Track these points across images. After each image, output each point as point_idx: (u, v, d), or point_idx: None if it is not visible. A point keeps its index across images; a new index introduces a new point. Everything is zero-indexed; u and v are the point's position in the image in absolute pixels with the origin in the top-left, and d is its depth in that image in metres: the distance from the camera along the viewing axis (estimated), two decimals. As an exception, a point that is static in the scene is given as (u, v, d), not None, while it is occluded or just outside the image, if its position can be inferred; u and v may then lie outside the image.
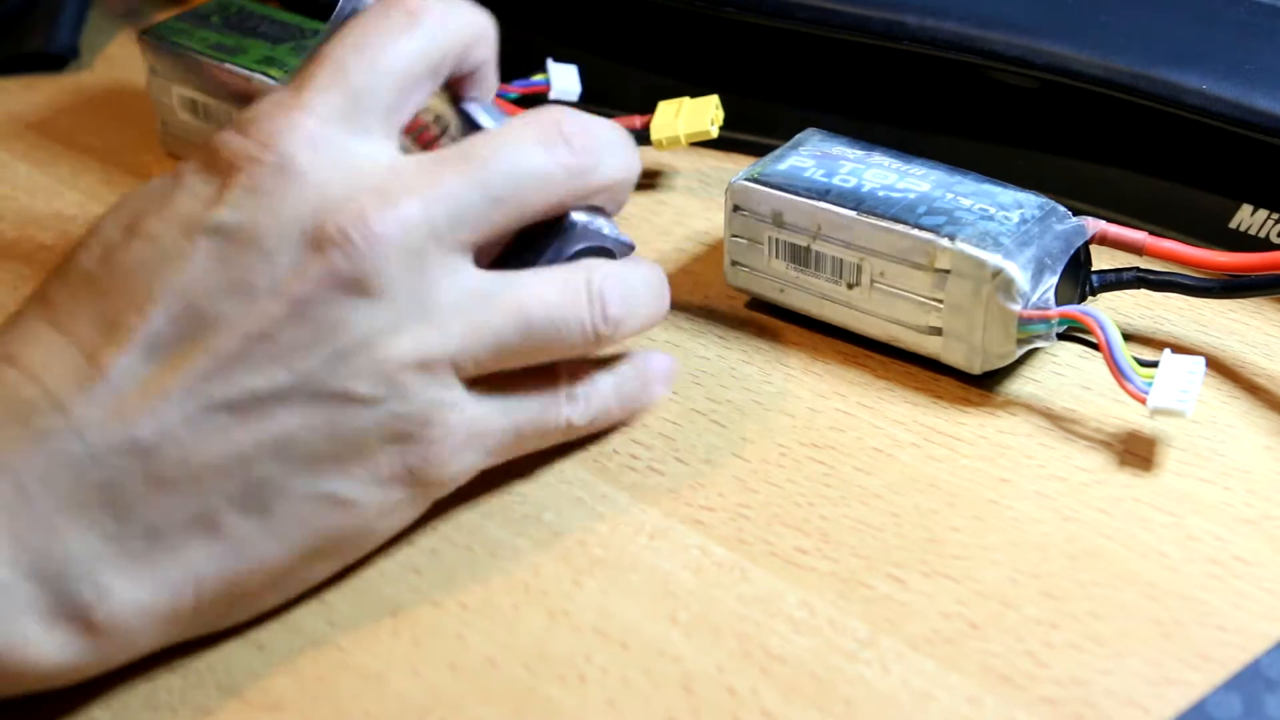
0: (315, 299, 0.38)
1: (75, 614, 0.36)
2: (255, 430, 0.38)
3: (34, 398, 0.37)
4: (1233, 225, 0.52)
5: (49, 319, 0.38)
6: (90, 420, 0.37)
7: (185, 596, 0.38)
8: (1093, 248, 0.48)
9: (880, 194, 0.48)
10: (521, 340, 0.41)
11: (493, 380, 0.41)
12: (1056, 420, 0.46)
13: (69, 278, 0.39)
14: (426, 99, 0.42)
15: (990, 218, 0.47)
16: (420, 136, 0.44)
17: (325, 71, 0.40)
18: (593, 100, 0.58)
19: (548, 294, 0.41)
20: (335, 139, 0.39)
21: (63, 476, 0.36)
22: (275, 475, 0.38)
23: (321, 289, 0.38)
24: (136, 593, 0.37)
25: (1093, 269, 0.48)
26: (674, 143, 0.54)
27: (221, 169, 0.39)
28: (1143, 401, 0.44)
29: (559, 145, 0.41)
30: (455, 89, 0.44)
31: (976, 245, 0.46)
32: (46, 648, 0.36)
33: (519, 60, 0.55)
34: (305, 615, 0.41)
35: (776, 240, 0.49)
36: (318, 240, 0.38)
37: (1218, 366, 0.48)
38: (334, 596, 0.41)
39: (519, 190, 0.41)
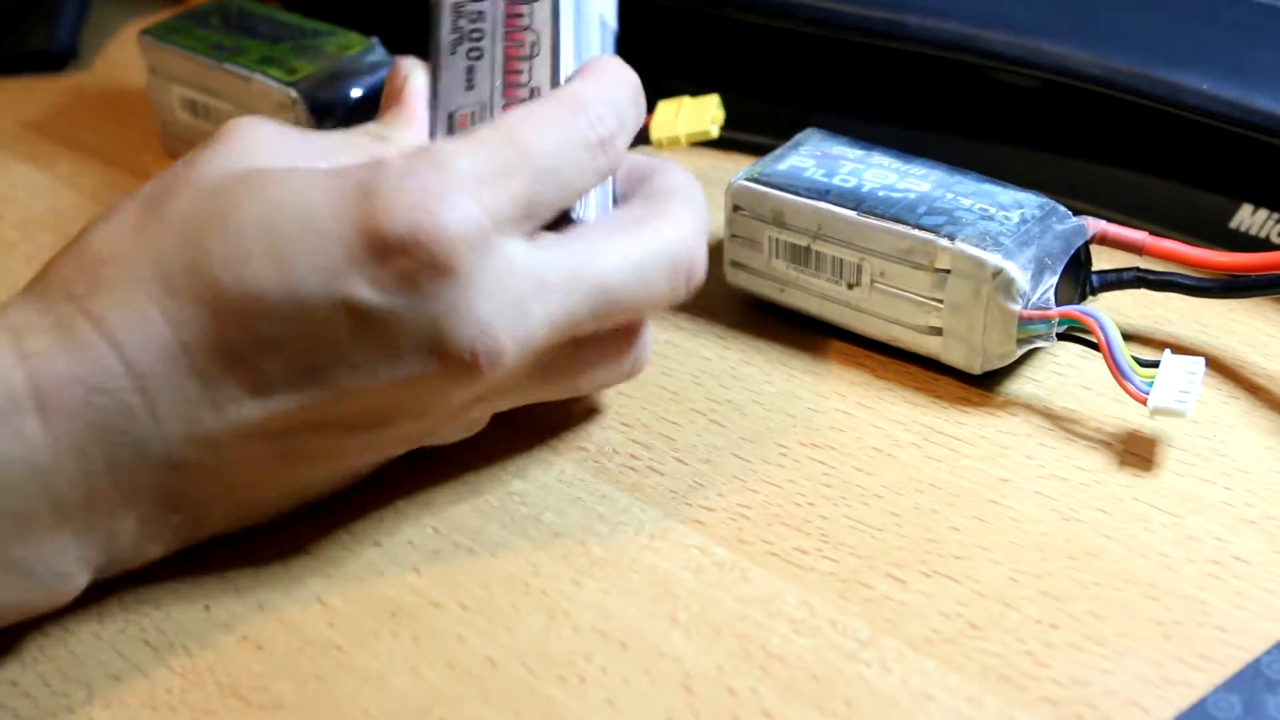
0: (430, 392, 0.40)
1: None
2: (325, 466, 0.42)
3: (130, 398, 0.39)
4: (1233, 225, 0.52)
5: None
6: (175, 433, 0.39)
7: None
8: (1093, 248, 0.48)
9: (880, 194, 0.48)
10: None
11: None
12: (1056, 420, 0.46)
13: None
14: None
15: (990, 218, 0.47)
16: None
17: (509, 162, 0.40)
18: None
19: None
20: (498, 247, 0.39)
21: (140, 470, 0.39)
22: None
23: (437, 388, 0.40)
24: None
25: (1093, 269, 0.48)
26: (674, 143, 0.54)
27: (380, 244, 0.38)
28: (1143, 402, 0.44)
29: (596, 151, 0.42)
30: None
31: (976, 245, 0.46)
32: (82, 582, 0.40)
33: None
34: (305, 615, 0.41)
35: (776, 240, 0.49)
36: (445, 357, 0.39)
37: (1218, 366, 0.48)
38: (334, 597, 0.41)
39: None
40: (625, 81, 0.44)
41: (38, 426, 0.38)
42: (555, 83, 0.44)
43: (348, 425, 0.40)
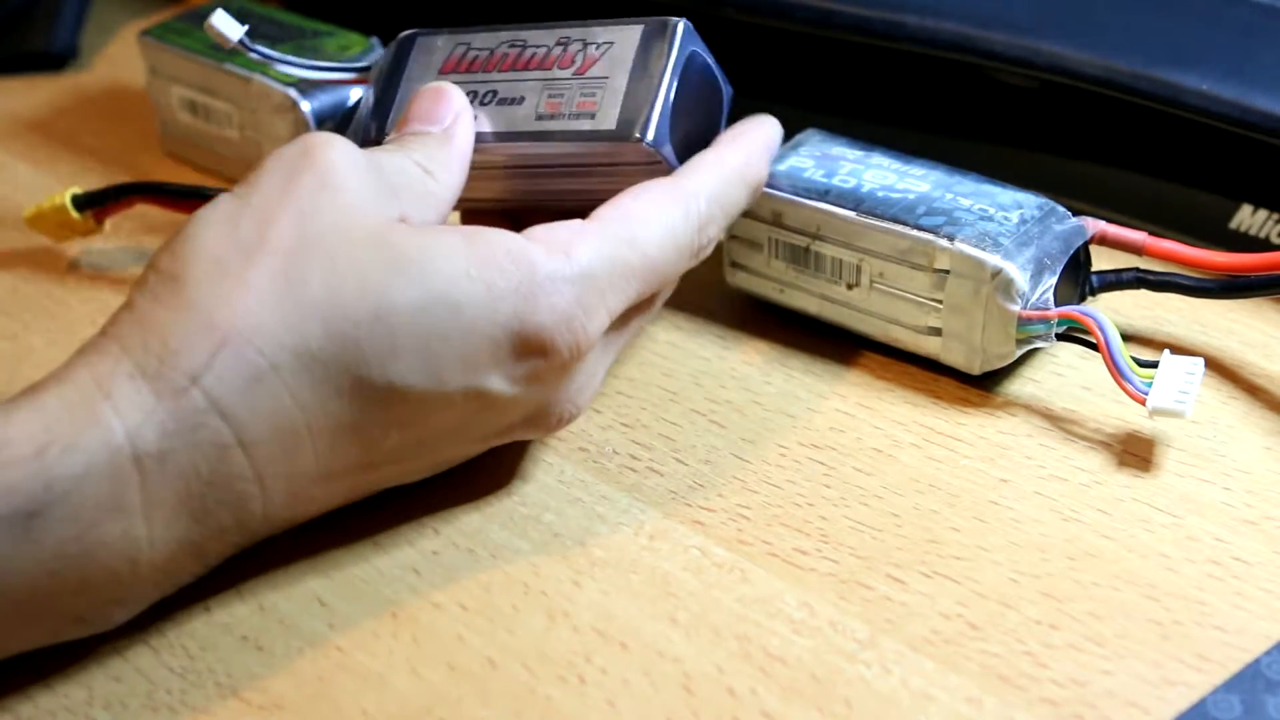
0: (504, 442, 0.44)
1: None
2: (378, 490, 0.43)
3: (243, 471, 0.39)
4: (1233, 225, 0.52)
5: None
6: (277, 504, 0.40)
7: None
8: (1093, 248, 0.48)
9: (880, 194, 0.48)
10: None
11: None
12: (1056, 421, 0.46)
13: None
14: None
15: (990, 218, 0.47)
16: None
17: (633, 270, 0.42)
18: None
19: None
20: (600, 342, 0.43)
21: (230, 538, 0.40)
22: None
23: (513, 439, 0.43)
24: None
25: (1092, 269, 0.48)
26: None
27: (525, 348, 0.40)
28: (1142, 402, 0.44)
29: (696, 256, 0.45)
30: None
31: (976, 246, 0.46)
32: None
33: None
34: (305, 616, 0.41)
35: (776, 241, 0.49)
36: (538, 426, 0.43)
37: (1217, 367, 0.48)
38: (334, 597, 0.41)
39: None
40: (740, 178, 0.46)
41: (142, 522, 0.37)
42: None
43: (426, 470, 0.43)
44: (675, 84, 0.44)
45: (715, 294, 0.52)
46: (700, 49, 0.45)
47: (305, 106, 0.55)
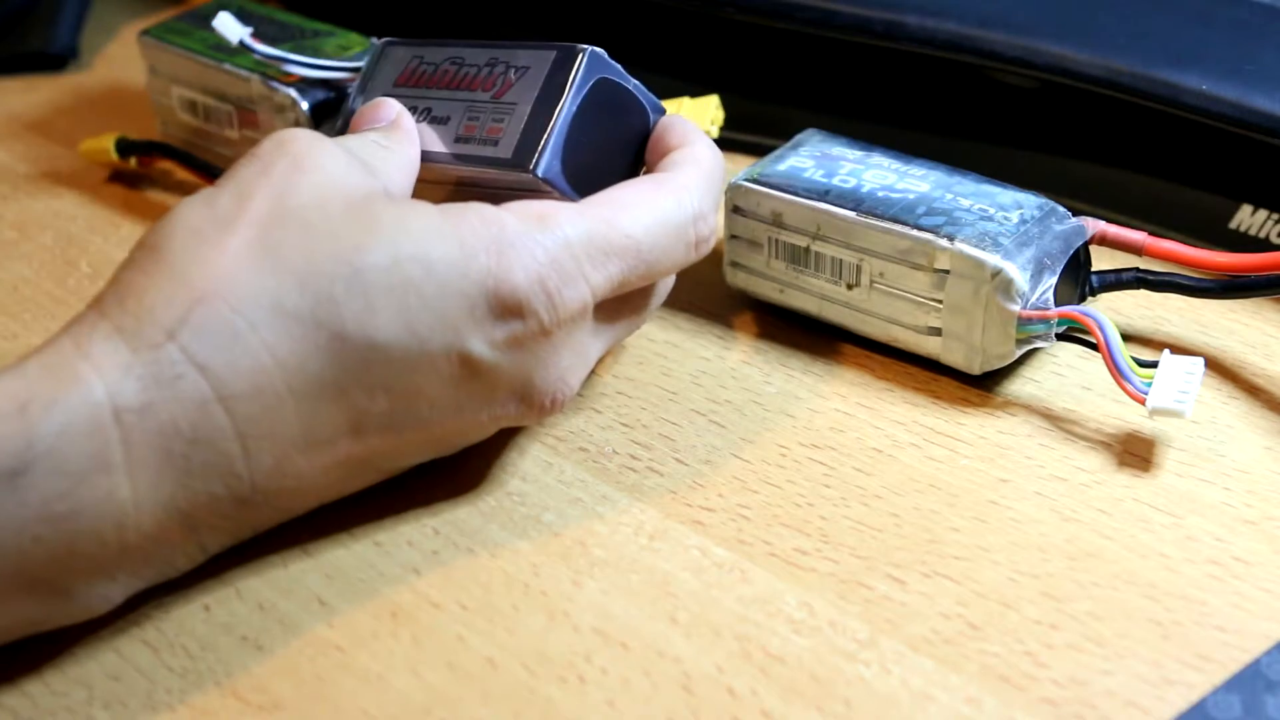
0: (499, 424, 0.43)
1: None
2: (379, 477, 0.44)
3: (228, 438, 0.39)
4: (1233, 225, 0.52)
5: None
6: (263, 471, 0.40)
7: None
8: (1093, 248, 0.48)
9: (880, 194, 0.48)
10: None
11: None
12: (1056, 421, 0.46)
13: None
14: None
15: (990, 218, 0.47)
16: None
17: (617, 248, 0.42)
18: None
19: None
20: (588, 322, 0.43)
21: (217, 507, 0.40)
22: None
23: (507, 421, 0.43)
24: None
25: (1092, 269, 0.48)
26: (674, 143, 0.54)
27: (501, 306, 0.40)
28: (1142, 402, 0.44)
29: (691, 250, 0.45)
30: None
31: (976, 246, 0.46)
32: None
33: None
34: (305, 615, 0.41)
35: (776, 241, 0.49)
36: (529, 403, 0.42)
37: (1217, 367, 0.48)
38: (334, 597, 0.41)
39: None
40: (720, 169, 0.46)
41: (125, 481, 0.37)
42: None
43: (420, 451, 0.43)
44: (573, 114, 0.44)
45: (715, 294, 0.52)
46: (613, 75, 0.45)
47: (305, 106, 0.55)
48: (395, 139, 0.45)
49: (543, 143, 0.44)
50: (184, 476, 0.38)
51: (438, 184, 0.47)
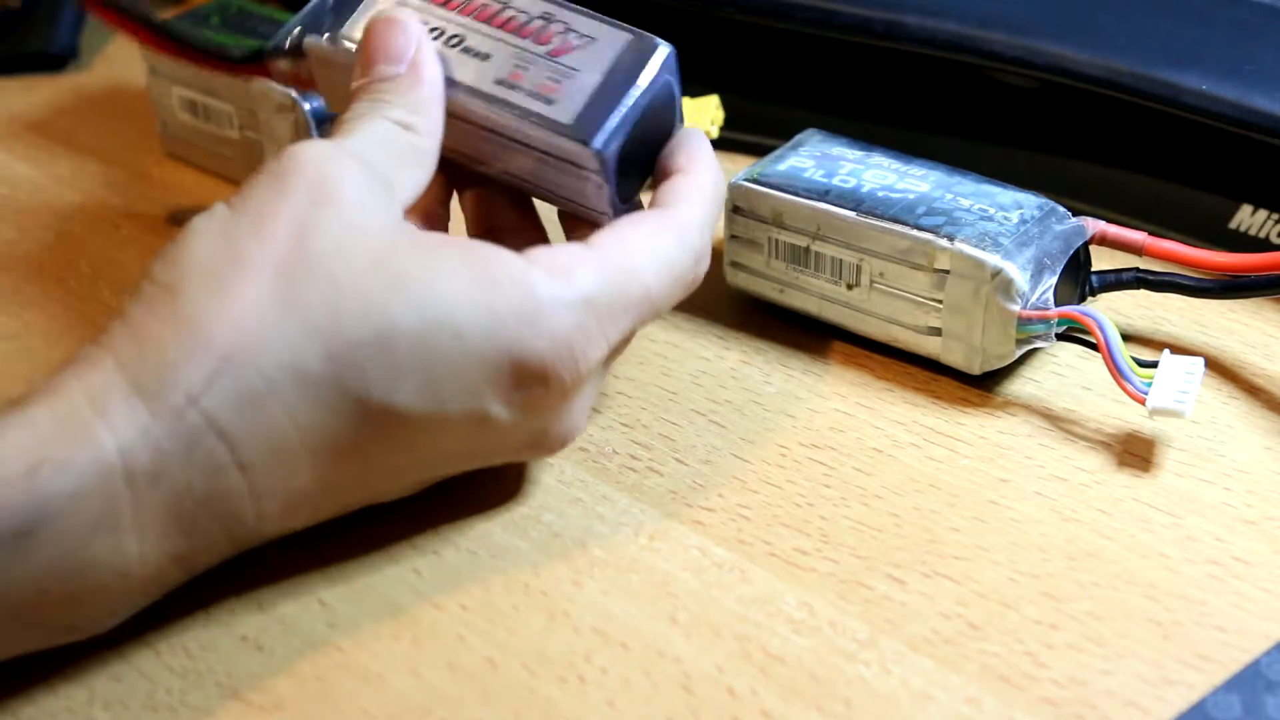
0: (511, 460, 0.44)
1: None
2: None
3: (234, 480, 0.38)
4: (1233, 225, 0.52)
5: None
6: (271, 517, 0.39)
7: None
8: (1093, 248, 0.48)
9: (880, 194, 0.48)
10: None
11: None
12: (1056, 421, 0.46)
13: None
14: None
15: (990, 218, 0.47)
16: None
17: (632, 300, 0.41)
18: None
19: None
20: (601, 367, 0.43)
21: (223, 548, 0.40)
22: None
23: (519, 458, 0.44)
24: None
25: (1092, 269, 0.48)
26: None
27: (524, 375, 0.40)
28: (1141, 402, 0.44)
29: (691, 287, 0.44)
30: None
31: (976, 246, 0.46)
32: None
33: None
34: (305, 616, 0.41)
35: (776, 241, 0.49)
36: (541, 448, 0.43)
37: (1217, 367, 0.48)
38: (334, 597, 0.41)
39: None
40: (721, 198, 0.45)
41: (133, 539, 0.37)
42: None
43: (423, 485, 0.43)
44: (643, 106, 0.43)
45: (715, 294, 0.52)
46: (674, 80, 0.45)
47: (305, 106, 0.55)
48: (417, 107, 0.43)
49: (608, 122, 0.43)
50: (190, 529, 0.38)
51: (459, 119, 0.45)
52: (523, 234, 0.46)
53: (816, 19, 0.56)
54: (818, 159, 0.50)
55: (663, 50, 0.44)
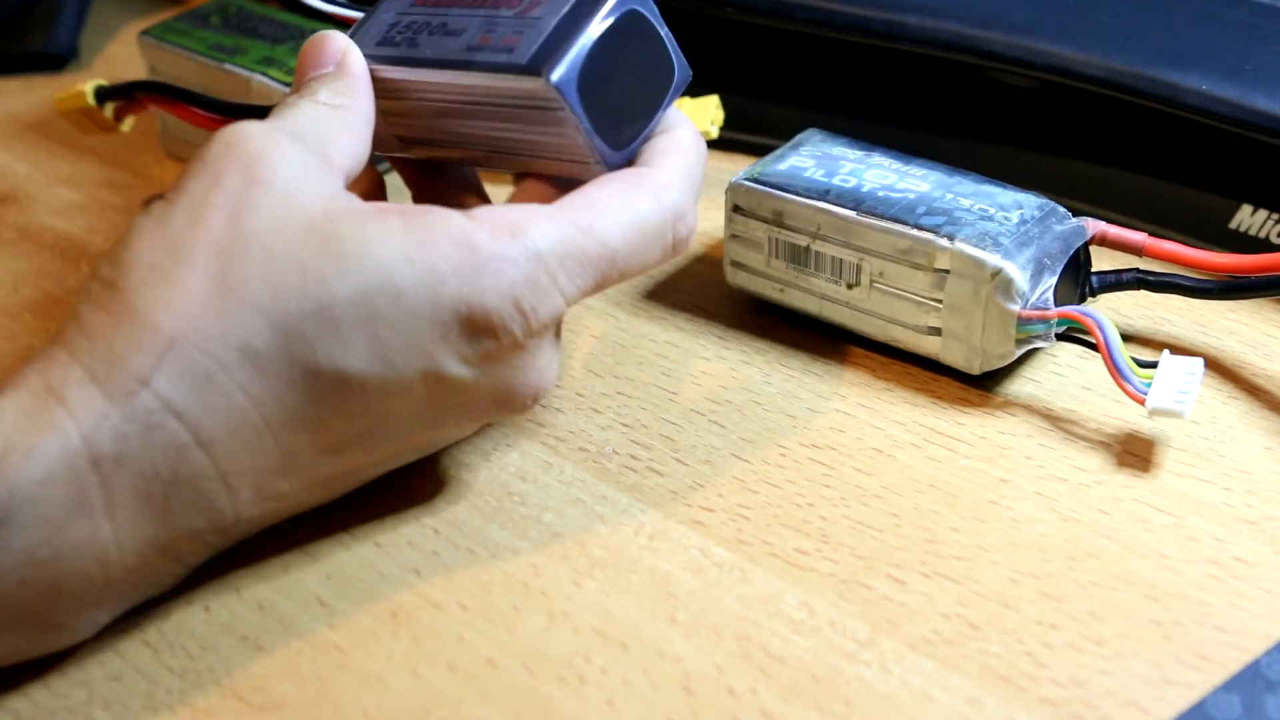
0: (480, 424, 0.44)
1: None
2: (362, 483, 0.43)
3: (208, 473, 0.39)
4: (1233, 225, 0.52)
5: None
6: (245, 500, 0.40)
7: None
8: (1093, 248, 0.48)
9: (880, 194, 0.48)
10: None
11: None
12: (1056, 421, 0.46)
13: None
14: None
15: (990, 218, 0.47)
16: None
17: (593, 258, 0.41)
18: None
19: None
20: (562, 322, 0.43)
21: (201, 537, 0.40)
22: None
23: (488, 421, 0.44)
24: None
25: (1092, 269, 0.48)
26: (674, 143, 0.54)
27: (473, 328, 0.40)
28: (1141, 402, 0.44)
29: (669, 252, 0.43)
30: None
31: (976, 245, 0.46)
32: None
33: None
34: (305, 616, 0.41)
35: (776, 240, 0.49)
36: (508, 407, 0.42)
37: (1217, 367, 0.48)
38: (334, 597, 0.41)
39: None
40: (702, 159, 0.44)
41: (106, 523, 0.37)
42: None
43: (402, 458, 0.43)
44: (602, 36, 0.42)
45: (715, 294, 0.52)
46: (647, 12, 0.43)
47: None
48: (344, 90, 0.43)
49: (562, 53, 0.42)
50: (165, 515, 0.38)
51: (435, 101, 0.45)
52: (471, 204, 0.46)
53: (816, 19, 0.56)
54: (818, 159, 0.50)
55: None
